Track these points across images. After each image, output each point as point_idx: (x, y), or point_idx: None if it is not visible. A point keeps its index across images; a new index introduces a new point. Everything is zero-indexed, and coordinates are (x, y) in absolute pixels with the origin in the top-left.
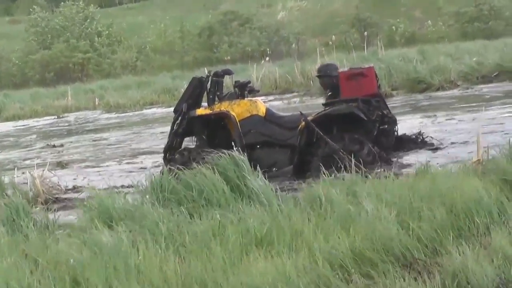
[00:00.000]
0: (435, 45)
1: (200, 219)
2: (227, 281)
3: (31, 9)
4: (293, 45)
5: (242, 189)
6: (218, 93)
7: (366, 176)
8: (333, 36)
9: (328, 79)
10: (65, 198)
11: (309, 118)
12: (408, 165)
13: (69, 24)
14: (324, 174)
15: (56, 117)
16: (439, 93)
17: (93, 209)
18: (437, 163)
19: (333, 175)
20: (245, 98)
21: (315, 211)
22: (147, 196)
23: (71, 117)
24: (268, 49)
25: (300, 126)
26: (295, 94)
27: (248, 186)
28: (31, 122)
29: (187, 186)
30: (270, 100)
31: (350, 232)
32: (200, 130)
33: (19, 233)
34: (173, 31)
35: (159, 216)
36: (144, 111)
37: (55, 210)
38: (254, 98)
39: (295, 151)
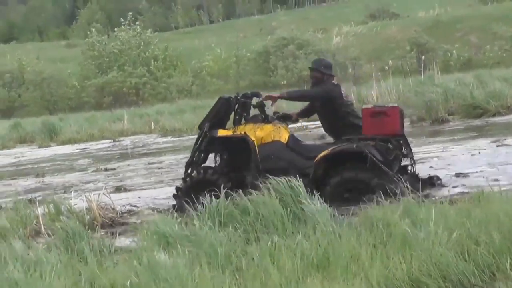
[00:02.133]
0: (491, 70)
1: (257, 243)
2: None
3: (88, 32)
4: (349, 70)
5: (299, 214)
6: (245, 115)
7: (423, 201)
8: (390, 61)
9: (318, 74)
10: (121, 222)
11: (324, 152)
12: (462, 191)
13: (126, 47)
14: (380, 198)
15: (112, 140)
16: (496, 119)
17: (150, 232)
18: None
19: (388, 200)
20: (272, 123)
21: (371, 235)
22: (203, 220)
23: (127, 141)
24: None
25: (317, 157)
26: None
27: (304, 210)
28: (87, 146)
29: (244, 210)
30: None
31: (407, 257)
32: (220, 150)
33: (76, 256)
34: (228, 55)
35: (216, 240)
36: None
37: (111, 233)
38: (279, 124)
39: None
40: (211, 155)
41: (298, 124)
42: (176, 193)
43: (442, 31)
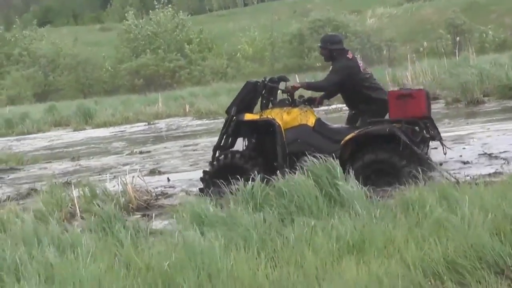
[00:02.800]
0: None
1: (292, 225)
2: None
3: (126, 14)
4: (384, 52)
5: (334, 195)
6: (272, 99)
7: (458, 183)
8: (424, 42)
9: (326, 51)
10: (157, 204)
11: (350, 135)
12: (498, 172)
13: (161, 30)
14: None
15: (146, 123)
16: None
17: (185, 215)
18: None
19: (423, 183)
20: (298, 107)
21: (407, 217)
22: (239, 203)
23: (161, 123)
24: (359, 56)
25: (344, 139)
26: None
27: (340, 192)
28: (122, 129)
29: (279, 192)
30: None
31: (442, 239)
32: (248, 134)
33: (112, 238)
34: (263, 38)
35: (251, 222)
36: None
37: (147, 216)
38: (306, 108)
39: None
40: (240, 140)
41: (334, 106)
42: (203, 176)
43: (477, 12)
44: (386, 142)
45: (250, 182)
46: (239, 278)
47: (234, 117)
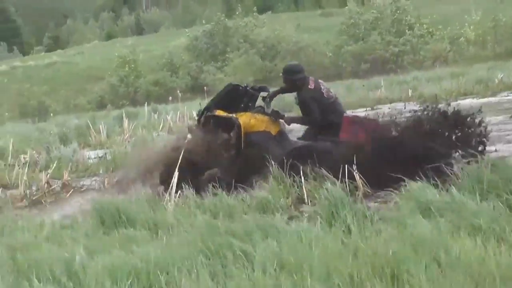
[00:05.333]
0: None
1: None
2: None
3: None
4: None
5: None
6: (250, 104)
7: None
8: None
9: (289, 82)
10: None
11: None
12: None
13: (381, 16)
14: None
15: (369, 108)
16: None
17: (410, 201)
18: None
19: None
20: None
21: None
22: (463, 188)
23: (384, 108)
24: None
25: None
26: None
27: None
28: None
29: (507, 178)
30: None
31: None
32: (214, 128)
33: (339, 224)
34: (486, 21)
35: (477, 208)
36: (459, 101)
37: (371, 201)
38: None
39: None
40: None
41: None
42: None
43: None
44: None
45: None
46: (467, 265)
47: (206, 112)
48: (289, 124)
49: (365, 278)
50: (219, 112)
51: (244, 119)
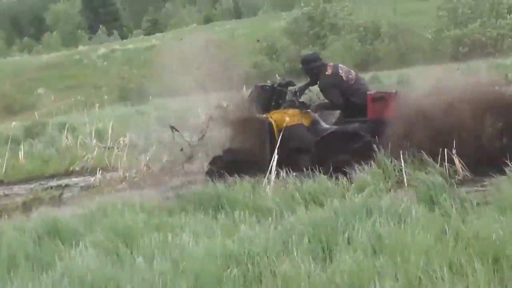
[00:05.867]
0: None
1: None
2: None
3: None
4: None
5: None
6: (280, 101)
7: None
8: None
9: (308, 71)
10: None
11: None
12: None
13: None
14: None
15: None
16: None
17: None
18: None
19: None
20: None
21: None
22: None
23: None
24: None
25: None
26: None
27: None
28: None
29: None
30: None
31: None
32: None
33: (438, 209)
34: None
35: None
36: None
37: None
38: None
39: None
40: None
41: None
42: None
43: None
44: (351, 140)
45: None
46: None
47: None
48: (315, 112)
49: (465, 263)
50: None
51: (277, 116)
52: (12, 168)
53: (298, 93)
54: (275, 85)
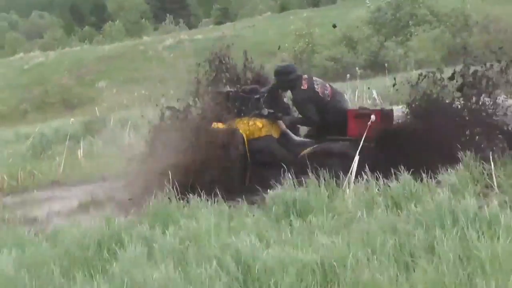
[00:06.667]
0: None
1: None
2: None
3: None
4: None
5: None
6: (243, 108)
7: None
8: None
9: (282, 83)
10: None
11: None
12: None
13: None
14: None
15: None
16: None
17: None
18: None
19: None
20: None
21: None
22: None
23: None
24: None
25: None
26: None
27: None
28: None
29: None
30: None
31: None
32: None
33: None
34: None
35: None
36: None
37: None
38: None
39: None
40: None
41: None
42: None
43: None
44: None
45: None
46: None
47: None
48: (287, 126)
49: None
50: (218, 125)
51: (243, 126)
52: (71, 167)
53: (262, 102)
54: (240, 91)
